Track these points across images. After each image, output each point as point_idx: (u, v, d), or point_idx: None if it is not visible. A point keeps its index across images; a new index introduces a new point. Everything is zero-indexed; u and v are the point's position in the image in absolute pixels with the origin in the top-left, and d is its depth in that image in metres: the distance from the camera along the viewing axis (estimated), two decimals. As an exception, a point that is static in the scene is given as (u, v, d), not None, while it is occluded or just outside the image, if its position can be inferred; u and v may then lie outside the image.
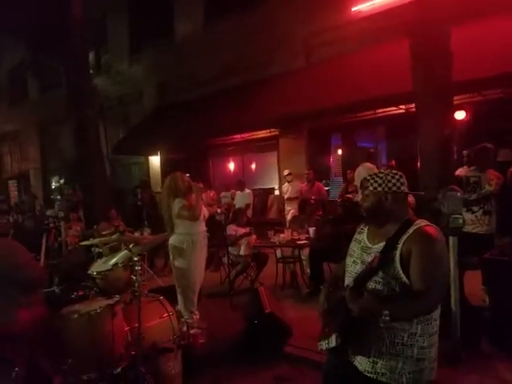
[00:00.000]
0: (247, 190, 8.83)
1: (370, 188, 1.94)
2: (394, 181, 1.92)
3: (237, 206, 7.83)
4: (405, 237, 1.81)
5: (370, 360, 1.84)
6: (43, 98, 16.33)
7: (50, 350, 3.08)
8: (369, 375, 1.85)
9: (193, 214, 4.16)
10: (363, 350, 1.86)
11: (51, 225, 8.28)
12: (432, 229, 1.83)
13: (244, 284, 6.12)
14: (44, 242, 5.28)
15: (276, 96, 8.79)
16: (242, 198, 8.55)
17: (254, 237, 6.35)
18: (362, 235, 2.06)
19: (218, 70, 10.54)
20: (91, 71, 10.73)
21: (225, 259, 5.94)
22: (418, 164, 4.78)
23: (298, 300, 5.38)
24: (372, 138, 9.08)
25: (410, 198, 4.87)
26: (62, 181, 16.41)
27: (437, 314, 1.84)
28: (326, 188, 9.18)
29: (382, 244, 1.87)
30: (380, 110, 8.00)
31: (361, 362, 1.88)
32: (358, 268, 1.94)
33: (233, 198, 8.73)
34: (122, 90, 13.06)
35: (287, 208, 8.73)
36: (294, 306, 5.07)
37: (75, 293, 3.72)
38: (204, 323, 4.32)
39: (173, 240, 4.31)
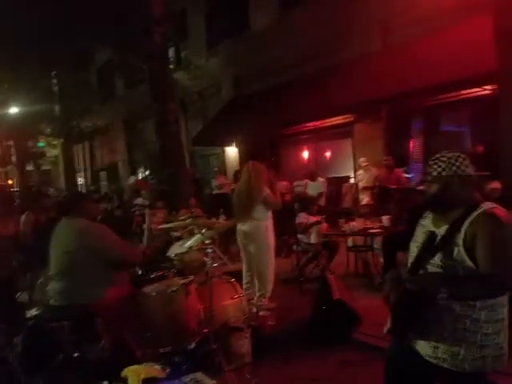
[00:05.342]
0: (320, 179, 8.77)
1: (434, 173, 1.86)
2: (457, 163, 1.82)
3: (309, 195, 7.83)
4: (470, 219, 1.75)
5: (431, 345, 1.82)
6: (128, 94, 17.43)
7: (133, 325, 3.39)
8: (430, 360, 1.82)
9: (276, 202, 4.50)
10: (424, 334, 1.84)
11: (137, 212, 8.90)
12: (500, 211, 1.74)
13: (315, 272, 6.14)
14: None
15: (352, 81, 8.53)
16: (315, 187, 8.52)
17: (324, 225, 6.32)
18: (426, 220, 2.01)
19: (292, 58, 10.48)
20: (171, 67, 11.23)
21: (295, 247, 6.03)
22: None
23: (370, 289, 5.26)
24: (455, 122, 8.49)
25: (496, 185, 4.58)
26: (147, 172, 17.51)
27: (503, 299, 1.76)
28: (406, 175, 8.80)
29: (446, 227, 1.81)
30: (464, 92, 7.47)
31: (422, 347, 1.86)
32: None
33: (306, 188, 8.73)
34: (200, 84, 13.47)
35: (361, 196, 8.54)
36: (366, 295, 4.97)
37: (155, 273, 4.03)
38: (274, 306, 4.45)
39: (248, 226, 4.50)
